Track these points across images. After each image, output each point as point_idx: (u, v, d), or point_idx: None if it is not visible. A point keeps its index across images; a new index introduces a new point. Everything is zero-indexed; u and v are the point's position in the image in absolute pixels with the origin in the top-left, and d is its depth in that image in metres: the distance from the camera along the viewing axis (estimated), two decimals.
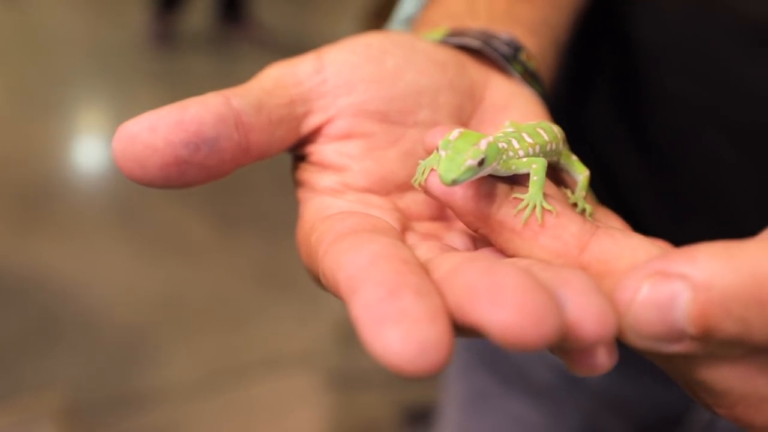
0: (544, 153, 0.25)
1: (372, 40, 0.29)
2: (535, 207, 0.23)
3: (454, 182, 0.22)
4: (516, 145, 0.24)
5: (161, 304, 1.61)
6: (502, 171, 0.24)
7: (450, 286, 0.19)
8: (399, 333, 0.17)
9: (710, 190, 0.42)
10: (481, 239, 0.26)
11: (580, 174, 0.27)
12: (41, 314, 1.52)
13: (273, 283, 1.70)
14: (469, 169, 0.22)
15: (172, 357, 1.49)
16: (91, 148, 2.20)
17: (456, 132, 0.24)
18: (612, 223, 0.27)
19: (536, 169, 0.24)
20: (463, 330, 0.19)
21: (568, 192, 0.27)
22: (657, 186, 0.45)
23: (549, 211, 0.23)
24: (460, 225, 0.27)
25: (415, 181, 0.25)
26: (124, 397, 1.39)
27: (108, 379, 1.42)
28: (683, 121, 0.42)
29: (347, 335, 1.59)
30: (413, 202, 0.28)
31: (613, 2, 0.45)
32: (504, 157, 0.24)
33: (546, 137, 0.25)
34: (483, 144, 0.23)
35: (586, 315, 0.18)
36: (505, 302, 0.17)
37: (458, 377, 0.65)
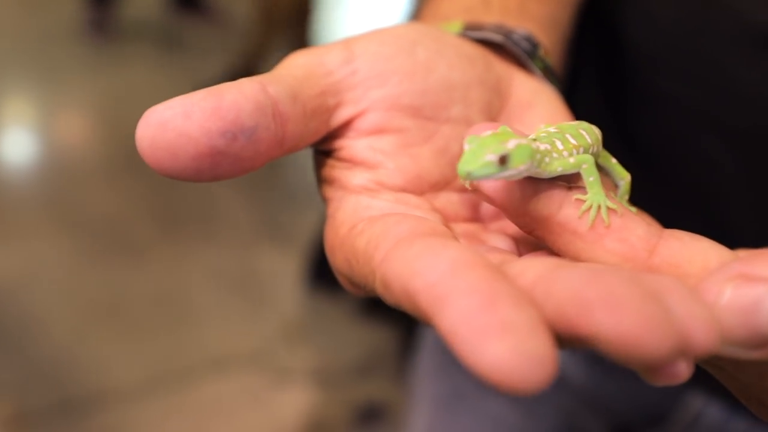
0: None
1: (400, 30, 0.27)
2: (599, 208, 0.22)
3: (469, 175, 0.21)
4: (560, 146, 0.23)
5: (103, 304, 1.55)
6: (546, 173, 0.23)
7: (548, 295, 0.18)
8: (506, 346, 0.16)
9: (704, 193, 0.42)
10: (524, 241, 0.25)
11: (621, 179, 0.27)
12: None
13: (219, 282, 1.66)
14: (488, 164, 0.21)
15: (117, 359, 1.43)
16: (22, 141, 2.10)
17: (489, 131, 0.23)
18: None
19: (588, 169, 0.23)
20: (561, 341, 0.18)
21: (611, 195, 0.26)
22: (649, 189, 0.45)
23: (614, 210, 0.22)
24: (496, 226, 0.27)
25: (466, 181, 0.24)
26: (68, 401, 1.33)
27: (51, 383, 1.35)
28: (678, 124, 0.42)
29: (296, 334, 1.57)
30: (448, 202, 0.26)
31: (603, 2, 0.45)
32: (546, 159, 0.23)
33: (589, 139, 0.25)
34: (511, 143, 0.22)
35: (696, 324, 0.17)
36: (624, 312, 0.16)
37: (432, 376, 0.64)
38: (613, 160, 0.27)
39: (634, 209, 0.26)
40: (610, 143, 0.46)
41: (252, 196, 1.90)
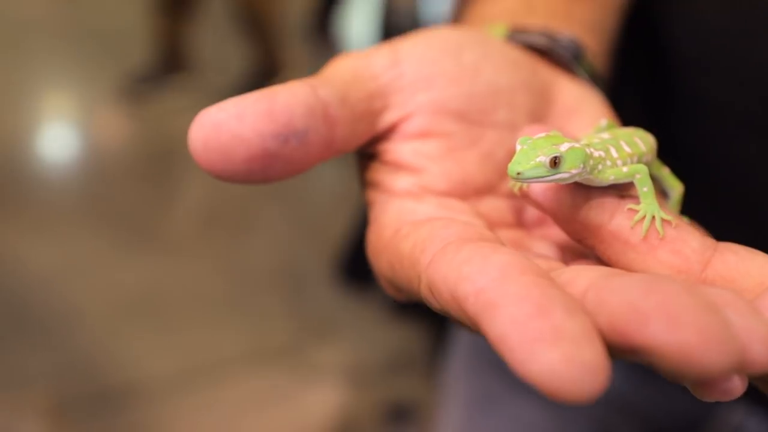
0: None
1: (446, 34, 0.27)
2: (653, 219, 0.21)
3: (519, 176, 0.21)
4: (614, 154, 0.23)
5: (139, 297, 1.57)
6: (597, 181, 0.22)
7: (600, 304, 0.17)
8: (558, 354, 0.16)
9: (751, 200, 0.41)
10: (569, 249, 0.25)
11: (673, 189, 0.26)
12: (12, 309, 1.47)
13: (252, 278, 1.67)
14: (539, 165, 0.21)
15: (150, 353, 1.45)
16: (61, 135, 2.14)
17: (542, 134, 0.22)
18: None
19: (642, 179, 0.22)
20: (613, 352, 0.17)
21: None
22: (692, 196, 0.44)
23: (668, 221, 0.21)
24: (540, 233, 0.26)
25: (515, 186, 0.24)
26: (103, 394, 1.35)
27: (87, 375, 1.38)
28: (723, 128, 0.41)
29: (327, 332, 1.58)
30: (493, 208, 0.26)
31: (645, 6, 0.44)
32: (599, 166, 0.22)
33: (643, 148, 0.24)
34: (564, 146, 0.21)
35: (754, 339, 0.17)
36: (681, 323, 0.16)
37: (462, 378, 0.64)
38: (666, 170, 0.27)
39: (686, 220, 0.25)
40: None
41: (286, 194, 1.91)
